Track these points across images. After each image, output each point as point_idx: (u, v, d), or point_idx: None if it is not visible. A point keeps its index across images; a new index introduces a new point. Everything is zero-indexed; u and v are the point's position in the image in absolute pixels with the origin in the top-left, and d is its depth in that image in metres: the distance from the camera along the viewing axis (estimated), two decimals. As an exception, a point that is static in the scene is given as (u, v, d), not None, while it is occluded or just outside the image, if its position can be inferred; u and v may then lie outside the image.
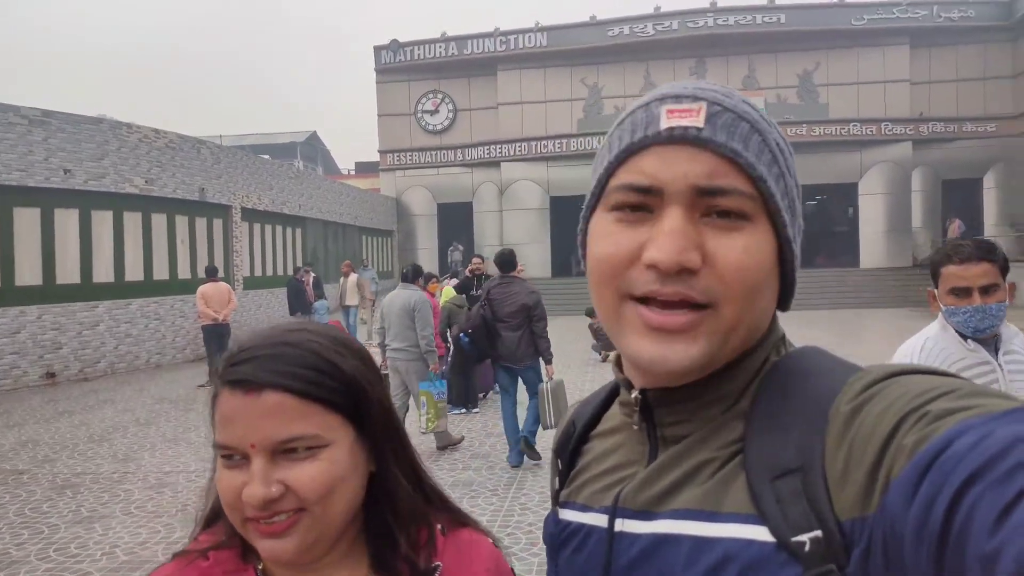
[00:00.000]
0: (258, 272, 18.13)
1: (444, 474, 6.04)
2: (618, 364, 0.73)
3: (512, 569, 0.93)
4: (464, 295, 9.14)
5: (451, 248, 26.12)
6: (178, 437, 7.74)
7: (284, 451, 0.73)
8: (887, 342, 7.83)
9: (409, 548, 0.82)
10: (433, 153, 29.01)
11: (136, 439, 7.70)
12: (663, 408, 0.67)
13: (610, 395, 0.80)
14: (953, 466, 0.45)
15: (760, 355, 0.66)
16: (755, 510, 0.57)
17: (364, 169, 38.77)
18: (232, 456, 0.74)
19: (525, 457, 6.28)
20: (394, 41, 29.39)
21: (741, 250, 0.60)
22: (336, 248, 23.60)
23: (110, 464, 6.70)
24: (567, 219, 28.23)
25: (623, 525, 0.66)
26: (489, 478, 5.98)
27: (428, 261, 28.62)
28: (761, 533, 0.56)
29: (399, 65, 29.53)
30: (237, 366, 0.75)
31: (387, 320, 6.68)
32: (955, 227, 24.14)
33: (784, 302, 0.68)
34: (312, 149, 46.52)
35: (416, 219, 29.24)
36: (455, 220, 28.60)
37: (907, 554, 0.47)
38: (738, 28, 26.94)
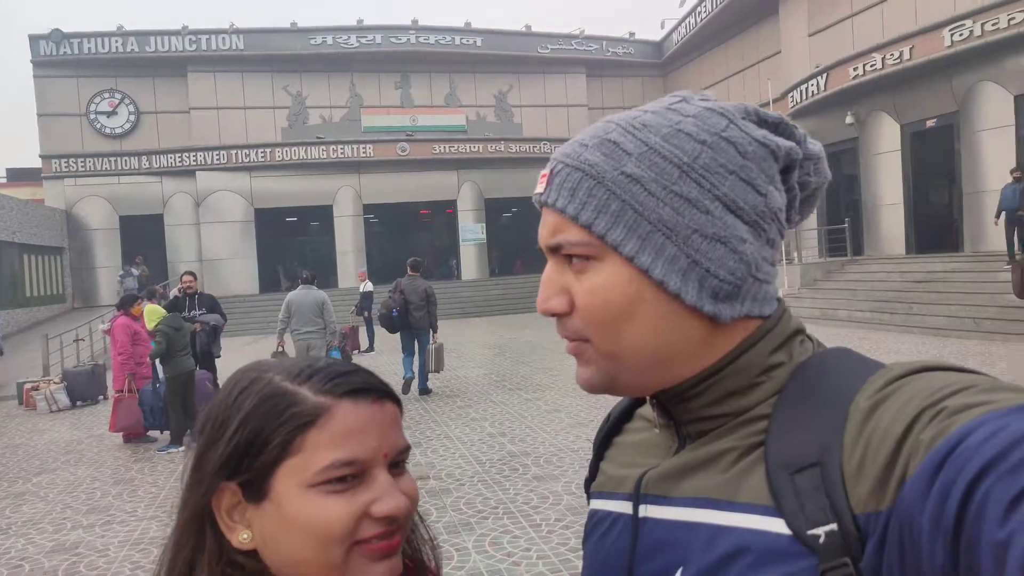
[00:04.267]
0: None
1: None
2: None
3: None
4: (178, 314, 8.12)
5: (121, 274, 21.00)
6: None
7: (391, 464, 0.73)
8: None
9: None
10: (112, 160, 25.61)
11: None
12: (677, 407, 0.69)
13: None
14: (967, 459, 0.46)
15: (757, 353, 0.65)
16: (772, 502, 0.58)
17: (19, 177, 32.89)
18: (347, 478, 0.69)
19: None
20: (56, 31, 25.46)
21: (586, 292, 0.65)
22: (-13, 269, 19.64)
23: None
24: (274, 232, 26.91)
25: (646, 511, 0.68)
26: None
27: (109, 281, 25.21)
28: (776, 525, 0.57)
29: (65, 58, 25.66)
30: (348, 376, 0.73)
31: (295, 312, 8.93)
32: None
33: (715, 315, 0.65)
34: (-55, 152, 38.40)
35: (93, 234, 25.52)
36: (142, 234, 25.46)
37: (924, 547, 0.48)
38: (439, 47, 28.04)
